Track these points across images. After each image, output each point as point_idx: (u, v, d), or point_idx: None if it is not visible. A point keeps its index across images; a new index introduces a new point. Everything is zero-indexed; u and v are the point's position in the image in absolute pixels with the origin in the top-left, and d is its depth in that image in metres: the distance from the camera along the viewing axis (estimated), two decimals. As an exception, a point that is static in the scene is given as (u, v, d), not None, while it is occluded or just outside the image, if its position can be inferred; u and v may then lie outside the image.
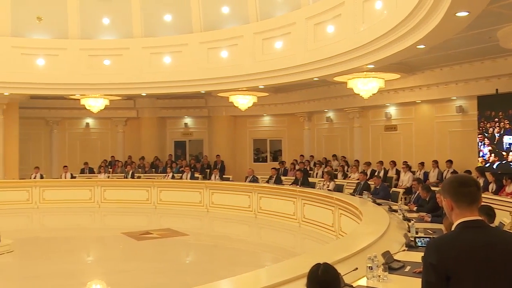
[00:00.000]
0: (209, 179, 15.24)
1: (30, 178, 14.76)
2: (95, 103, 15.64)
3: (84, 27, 15.18)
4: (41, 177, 14.92)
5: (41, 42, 14.84)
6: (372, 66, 10.55)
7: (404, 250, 4.90)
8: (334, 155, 16.23)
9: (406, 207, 8.11)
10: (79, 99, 15.93)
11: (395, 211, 7.51)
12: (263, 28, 13.27)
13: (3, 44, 14.31)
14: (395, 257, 4.44)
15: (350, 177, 13.69)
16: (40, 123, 19.17)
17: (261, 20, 13.53)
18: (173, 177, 15.13)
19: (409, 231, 5.62)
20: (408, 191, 11.22)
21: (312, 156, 16.96)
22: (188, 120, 20.04)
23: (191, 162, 17.94)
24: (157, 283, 6.75)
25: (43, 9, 14.85)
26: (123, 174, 16.23)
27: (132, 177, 15.39)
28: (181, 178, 14.84)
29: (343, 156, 15.90)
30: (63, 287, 6.59)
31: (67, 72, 14.70)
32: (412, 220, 6.31)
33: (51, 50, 14.79)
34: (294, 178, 13.05)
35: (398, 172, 13.17)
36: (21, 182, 14.59)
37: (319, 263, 2.78)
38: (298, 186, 11.93)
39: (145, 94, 16.43)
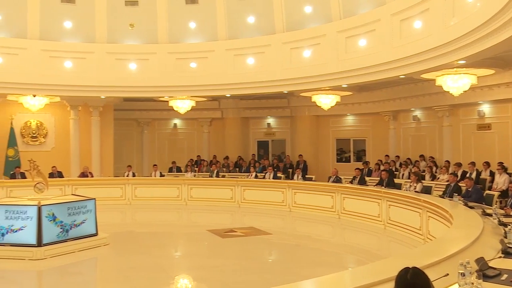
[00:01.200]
0: (292, 178, 15.27)
1: (124, 176, 15.64)
2: (182, 105, 16.26)
3: (171, 32, 15.84)
4: (133, 175, 15.77)
5: (133, 48, 15.70)
6: (463, 62, 10.01)
7: (500, 257, 4.59)
8: (421, 156, 15.58)
9: (502, 211, 7.59)
10: (167, 101, 16.64)
11: (489, 215, 7.06)
12: (346, 26, 13.08)
13: (100, 50, 15.32)
14: (490, 264, 4.18)
15: (438, 178, 13.07)
16: (132, 124, 20.29)
17: (344, 18, 13.33)
18: (256, 177, 15.34)
19: (505, 237, 5.25)
20: (504, 194, 10.51)
21: (397, 157, 16.41)
22: (270, 120, 20.22)
23: (273, 161, 18.08)
24: (241, 280, 6.88)
25: (135, 17, 15.72)
26: (209, 173, 16.72)
27: (217, 176, 15.81)
28: (264, 177, 15.00)
29: (431, 157, 15.23)
30: (153, 280, 6.91)
31: (156, 75, 15.44)
32: (509, 225, 5.90)
33: (142, 55, 15.60)
34: (379, 178, 12.70)
35: (492, 174, 12.36)
36: (115, 179, 15.50)
37: (408, 267, 2.68)
38: (383, 187, 11.60)
39: (229, 95, 16.80)
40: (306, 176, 15.18)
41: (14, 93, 15.12)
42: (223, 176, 16.18)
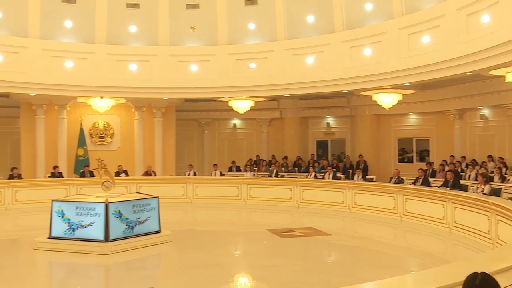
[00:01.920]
0: (352, 179, 15.05)
1: (185, 175, 16.04)
2: (242, 105, 16.44)
3: (231, 33, 16.06)
4: (194, 174, 16.12)
5: (194, 50, 16.06)
6: (536, 57, 9.47)
7: None
8: (489, 156, 14.87)
9: None
10: (227, 101, 16.88)
11: None
12: (408, 22, 12.72)
13: (163, 53, 15.81)
14: None
15: (509, 180, 12.41)
16: (193, 124, 20.76)
17: (406, 14, 12.98)
18: (315, 177, 15.25)
19: None
20: None
21: (463, 157, 15.76)
22: (330, 120, 20.02)
23: (333, 161, 17.89)
24: (300, 281, 6.86)
25: (196, 19, 16.08)
26: (268, 173, 16.80)
27: (276, 176, 15.86)
28: (323, 177, 14.88)
29: (500, 157, 14.50)
30: (213, 277, 7.04)
31: (216, 76, 15.71)
32: None
33: (203, 56, 15.93)
34: (443, 180, 12.25)
35: None
36: (177, 178, 15.92)
37: (477, 272, 2.58)
38: (448, 188, 11.17)
39: (288, 95, 16.80)
40: (367, 176, 14.90)
41: (83, 95, 15.91)
42: (282, 176, 16.20)
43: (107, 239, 8.21)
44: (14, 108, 17.41)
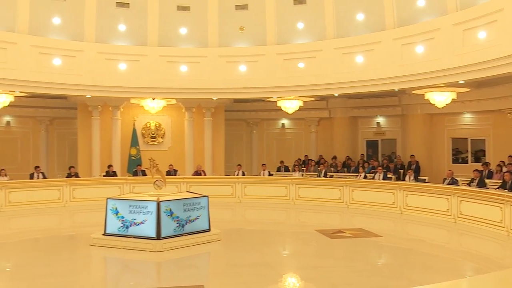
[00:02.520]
0: (403, 180, 14.69)
1: (234, 175, 16.18)
2: (290, 105, 16.42)
3: (280, 33, 16.07)
4: (243, 174, 16.24)
5: (243, 50, 16.18)
6: None
7: None
8: (552, 157, 14.13)
9: None
10: (275, 101, 16.90)
11: None
12: (463, 18, 12.28)
13: (212, 54, 16.02)
14: None
15: None
16: (242, 124, 20.93)
17: (461, 9, 12.53)
18: (365, 177, 15.00)
19: None
20: None
21: (523, 158, 15.03)
22: (380, 119, 19.65)
23: (383, 162, 17.54)
24: (350, 282, 6.78)
25: (245, 20, 16.19)
26: (316, 173, 16.69)
27: (325, 176, 15.73)
28: (373, 178, 14.62)
29: None
30: (262, 276, 7.08)
31: (265, 76, 15.77)
32: None
33: (252, 57, 16.02)
34: (501, 181, 11.74)
35: None
36: (226, 178, 16.09)
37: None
38: (506, 190, 10.70)
39: (337, 95, 16.62)
40: (419, 177, 14.51)
41: (136, 96, 16.38)
42: (331, 176, 16.05)
43: (158, 236, 8.42)
44: (72, 110, 18.19)
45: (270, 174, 16.30)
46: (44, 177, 15.24)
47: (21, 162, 18.78)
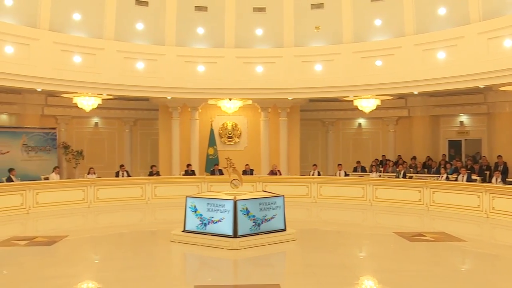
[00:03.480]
0: (489, 182, 13.87)
1: (309, 175, 16.11)
2: (367, 104, 16.09)
3: (356, 31, 15.79)
4: (319, 174, 16.12)
5: (318, 49, 16.08)
6: None
7: None
8: None
9: None
10: (352, 100, 16.63)
11: None
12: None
13: (288, 54, 16.08)
14: None
15: None
16: (317, 124, 20.80)
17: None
18: (447, 179, 14.35)
19: None
20: None
21: None
22: (463, 118, 18.71)
23: (467, 163, 16.67)
24: (431, 288, 6.52)
25: (321, 19, 16.07)
26: (394, 174, 16.20)
27: (404, 177, 15.22)
28: (456, 179, 13.94)
29: None
30: (338, 278, 6.99)
31: (341, 75, 15.57)
32: None
33: (327, 56, 15.89)
34: None
35: None
36: (302, 178, 16.06)
37: None
38: None
39: (417, 93, 16.04)
40: (507, 179, 13.62)
41: (213, 97, 16.81)
42: (410, 177, 15.50)
43: (235, 234, 8.58)
44: (153, 111, 19.03)
45: (346, 175, 16.05)
46: (128, 175, 16.06)
47: (108, 161, 19.92)
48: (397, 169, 16.16)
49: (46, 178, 14.72)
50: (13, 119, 18.40)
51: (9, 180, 13.62)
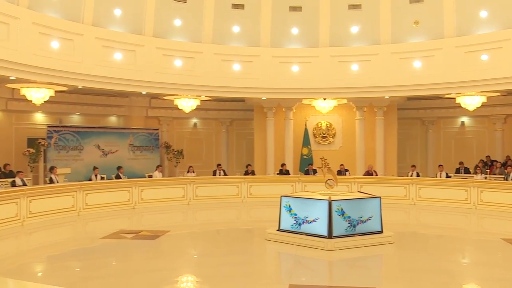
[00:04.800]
0: None
1: (407, 176, 15.52)
2: (471, 101, 15.21)
3: (459, 25, 14.94)
4: (417, 175, 15.47)
5: (417, 45, 15.44)
6: None
7: None
8: None
9: None
10: (454, 98, 15.77)
11: None
12: None
13: (384, 51, 15.63)
14: None
15: None
16: (416, 123, 19.99)
17: None
18: None
19: None
20: None
21: None
22: None
23: None
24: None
25: (419, 14, 15.42)
26: (503, 176, 15.08)
27: (513, 179, 14.12)
28: None
29: None
30: (439, 285, 6.66)
31: (442, 72, 14.82)
32: None
33: (427, 52, 15.25)
34: None
35: None
36: (399, 179, 15.50)
37: None
38: None
39: (529, 88, 14.78)
40: None
41: (307, 97, 16.82)
42: (521, 180, 14.33)
43: (330, 235, 8.51)
44: (249, 112, 19.46)
45: (447, 176, 15.22)
46: (225, 174, 16.56)
47: (205, 160, 20.71)
48: (506, 171, 15.02)
49: (150, 176, 15.66)
50: (121, 121, 19.79)
51: (118, 177, 14.69)
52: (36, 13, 12.75)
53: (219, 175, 16.22)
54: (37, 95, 13.83)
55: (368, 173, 16.06)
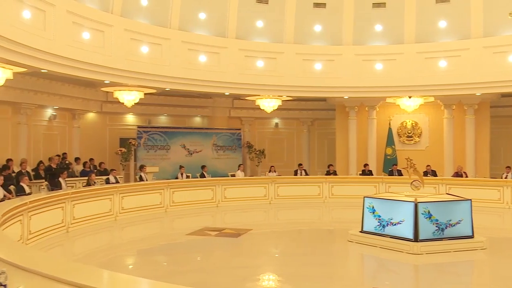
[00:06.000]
0: None
1: (501, 177, 14.56)
2: None
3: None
4: (513, 177, 14.46)
5: (510, 38, 14.43)
6: None
7: None
8: None
9: None
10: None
11: None
12: None
13: (475, 46, 14.79)
14: None
15: None
16: (511, 122, 18.67)
17: None
18: None
19: None
20: None
21: None
22: None
23: None
24: None
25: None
26: None
27: None
28: None
29: None
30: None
31: (542, 66, 13.73)
32: None
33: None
34: None
35: None
36: (491, 181, 14.60)
37: None
38: None
39: None
40: None
41: (391, 95, 16.32)
42: None
43: (416, 238, 8.20)
44: (330, 111, 19.24)
45: (548, 179, 14.07)
46: (306, 174, 16.52)
47: (287, 159, 20.76)
48: None
49: (233, 175, 16.01)
50: (205, 121, 20.41)
51: (202, 176, 15.17)
52: (127, 20, 13.50)
53: (301, 175, 16.20)
54: (129, 97, 14.66)
55: (457, 174, 15.27)
